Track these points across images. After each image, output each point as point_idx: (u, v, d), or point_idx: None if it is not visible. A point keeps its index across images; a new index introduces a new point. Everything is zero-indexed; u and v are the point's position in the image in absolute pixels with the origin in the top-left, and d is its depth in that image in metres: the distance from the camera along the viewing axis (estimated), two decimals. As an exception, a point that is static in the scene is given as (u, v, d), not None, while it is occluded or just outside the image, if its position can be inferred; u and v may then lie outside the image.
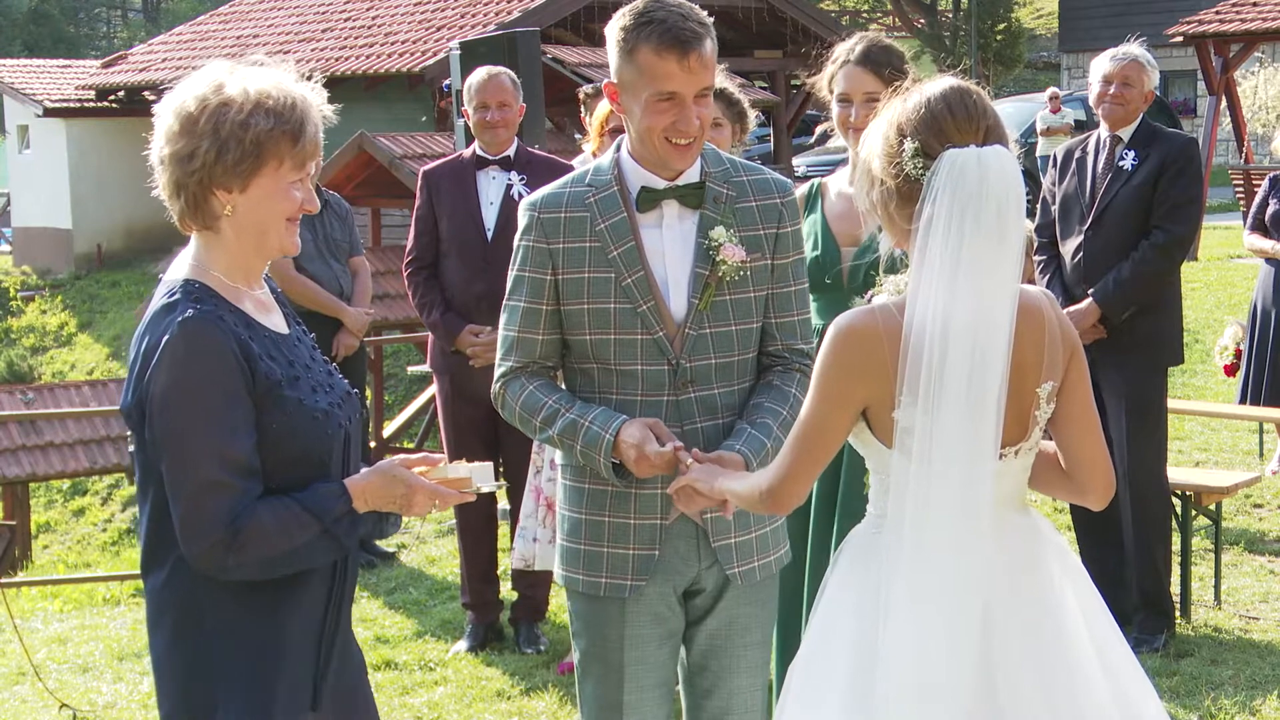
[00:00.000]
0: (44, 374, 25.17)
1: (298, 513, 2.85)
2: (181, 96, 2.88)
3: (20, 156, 29.98)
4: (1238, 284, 15.34)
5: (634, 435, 3.37)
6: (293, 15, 27.16)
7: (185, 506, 2.81)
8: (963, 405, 2.77)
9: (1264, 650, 6.17)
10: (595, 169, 3.57)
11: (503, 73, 6.53)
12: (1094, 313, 6.10)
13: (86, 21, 63.67)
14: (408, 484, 2.95)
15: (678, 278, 3.49)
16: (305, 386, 2.94)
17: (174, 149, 2.87)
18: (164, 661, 2.97)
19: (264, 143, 2.85)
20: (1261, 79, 25.98)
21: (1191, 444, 9.79)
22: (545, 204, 3.53)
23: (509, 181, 6.41)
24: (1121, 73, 6.18)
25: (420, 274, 6.50)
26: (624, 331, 3.47)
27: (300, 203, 2.93)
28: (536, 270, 3.51)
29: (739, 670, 3.62)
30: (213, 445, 2.80)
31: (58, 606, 8.35)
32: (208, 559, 2.82)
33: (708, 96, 3.43)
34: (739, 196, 3.55)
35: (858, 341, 2.84)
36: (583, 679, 3.66)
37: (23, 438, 16.46)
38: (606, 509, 3.52)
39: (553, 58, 18.89)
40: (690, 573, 3.56)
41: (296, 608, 2.94)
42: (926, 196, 2.75)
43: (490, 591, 6.73)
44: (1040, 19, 46.95)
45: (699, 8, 3.46)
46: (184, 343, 2.80)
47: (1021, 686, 2.84)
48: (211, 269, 2.93)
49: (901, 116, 2.84)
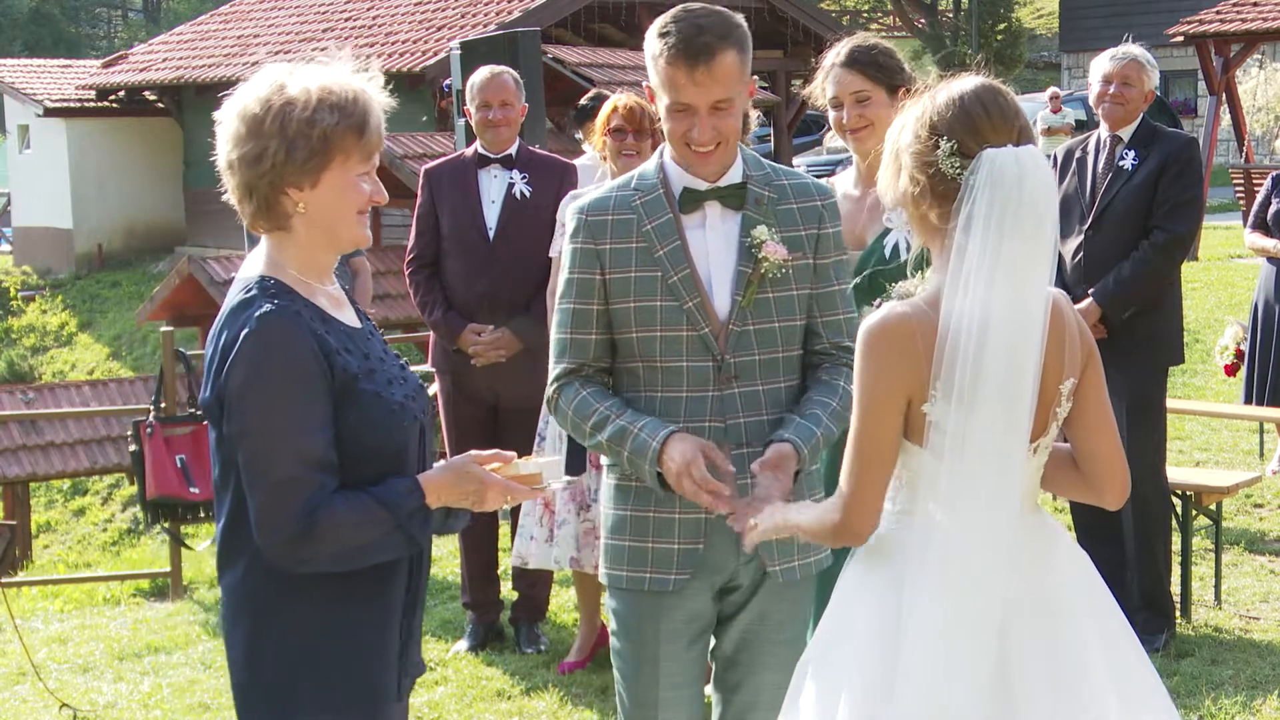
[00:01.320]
0: (44, 374, 25.19)
1: (372, 507, 2.86)
2: (243, 99, 2.89)
3: (21, 156, 30.01)
4: (1238, 284, 15.34)
5: (682, 454, 3.38)
6: (293, 15, 27.18)
7: (262, 500, 2.82)
8: (998, 402, 2.77)
9: (1264, 650, 6.17)
10: (641, 174, 3.64)
11: (505, 72, 6.53)
12: (1094, 312, 6.10)
13: (87, 21, 63.65)
14: (480, 480, 2.96)
15: (721, 276, 3.56)
16: (381, 379, 2.95)
17: (242, 152, 2.88)
18: (243, 657, 2.96)
19: (331, 138, 2.85)
20: (1261, 78, 25.99)
21: (1192, 444, 9.78)
22: (592, 208, 3.60)
23: (510, 180, 6.41)
24: (1121, 72, 6.17)
25: (421, 273, 6.50)
26: (669, 328, 3.52)
27: (369, 194, 2.95)
28: (585, 271, 3.57)
29: (768, 666, 3.65)
30: (290, 440, 2.81)
31: (58, 606, 8.35)
32: (281, 552, 2.83)
33: (725, 108, 3.46)
34: (780, 199, 3.62)
35: (894, 339, 2.83)
36: (620, 677, 3.69)
37: (23, 437, 16.46)
38: (651, 504, 3.56)
39: (553, 57, 18.90)
40: (729, 569, 3.60)
41: (374, 601, 2.95)
42: (965, 196, 2.77)
43: (491, 591, 6.73)
44: (1041, 19, 46.95)
45: (729, 15, 3.48)
46: (262, 337, 2.81)
47: (1035, 690, 2.85)
48: (286, 267, 2.94)
49: (934, 114, 2.84)
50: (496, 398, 6.38)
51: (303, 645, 2.91)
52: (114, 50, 46.34)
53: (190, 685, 6.37)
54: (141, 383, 17.17)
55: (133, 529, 19.00)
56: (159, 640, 7.09)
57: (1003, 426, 2.80)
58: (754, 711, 3.67)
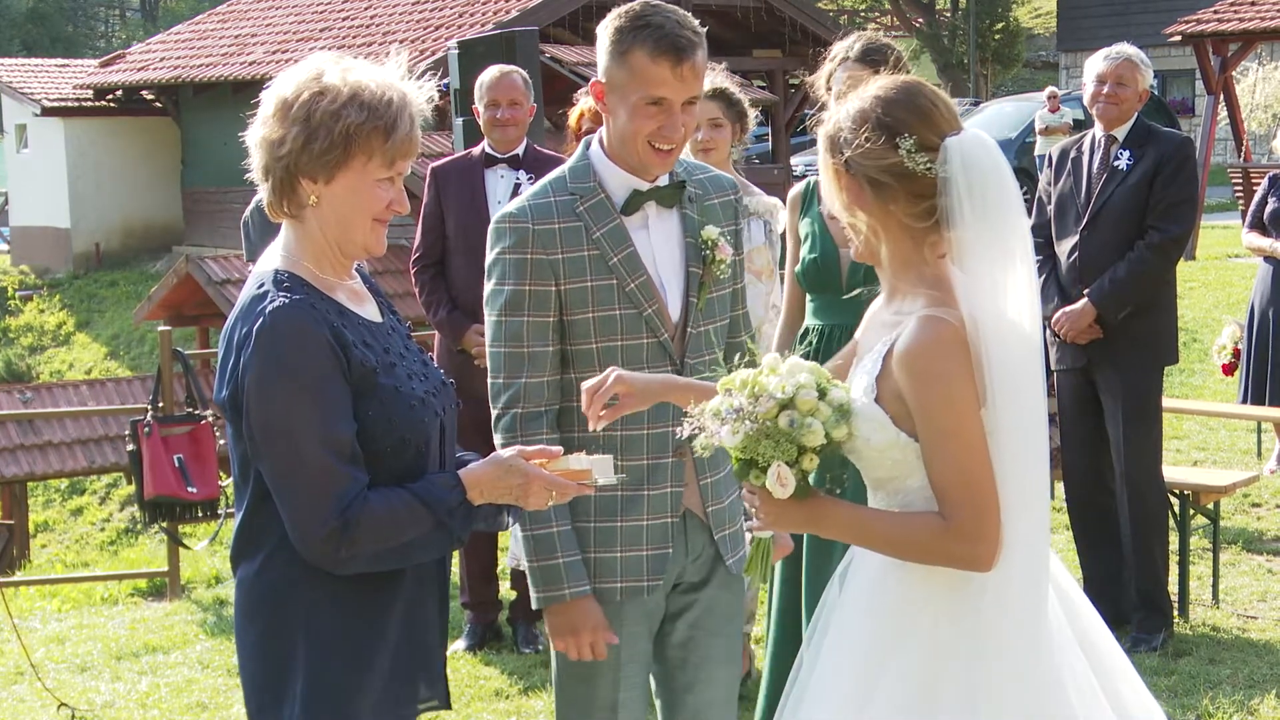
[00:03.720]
0: (42, 373, 25.17)
1: (411, 504, 2.79)
2: (283, 83, 2.86)
3: (18, 156, 30.00)
4: (1235, 283, 15.33)
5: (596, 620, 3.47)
6: (291, 14, 27.16)
7: (296, 497, 2.75)
8: (1026, 391, 2.71)
9: (1262, 649, 6.17)
10: (572, 173, 3.52)
11: (514, 71, 6.53)
12: (1090, 313, 6.10)
13: (85, 21, 63.64)
14: (525, 474, 2.88)
15: (669, 278, 3.51)
16: (401, 373, 2.90)
17: (266, 133, 2.84)
18: (257, 653, 2.90)
19: (354, 135, 2.80)
20: (1259, 75, 25.99)
21: (1189, 443, 9.79)
22: (536, 215, 3.45)
23: (517, 180, 6.39)
24: (1115, 72, 6.17)
25: (427, 272, 6.49)
26: (630, 336, 3.47)
27: (388, 203, 2.89)
28: (539, 283, 3.44)
29: (717, 660, 3.63)
30: (317, 433, 2.74)
31: (56, 606, 8.35)
32: (321, 551, 2.76)
33: (694, 105, 3.44)
34: (704, 195, 3.59)
35: (954, 345, 2.71)
36: (571, 682, 3.61)
37: (21, 437, 16.45)
38: (618, 514, 3.51)
39: (551, 57, 18.90)
40: (678, 568, 3.58)
41: (394, 600, 2.89)
42: (942, 189, 2.72)
43: (489, 591, 6.73)
44: (1038, 18, 46.95)
45: (692, 16, 3.46)
46: (276, 331, 2.76)
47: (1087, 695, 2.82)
48: (302, 260, 2.89)
49: (877, 115, 2.77)
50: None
51: (318, 644, 2.84)
52: (112, 50, 46.32)
53: (188, 685, 6.37)
54: (139, 382, 17.16)
55: (130, 529, 18.98)
56: (157, 640, 7.08)
57: (1034, 416, 2.73)
58: (711, 709, 3.64)
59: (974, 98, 35.26)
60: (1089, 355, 6.22)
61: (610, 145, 3.49)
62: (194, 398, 7.58)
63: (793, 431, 2.70)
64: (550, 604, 3.46)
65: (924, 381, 2.70)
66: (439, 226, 6.44)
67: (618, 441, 3.43)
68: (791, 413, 2.70)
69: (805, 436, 2.70)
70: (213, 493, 7.41)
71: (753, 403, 2.73)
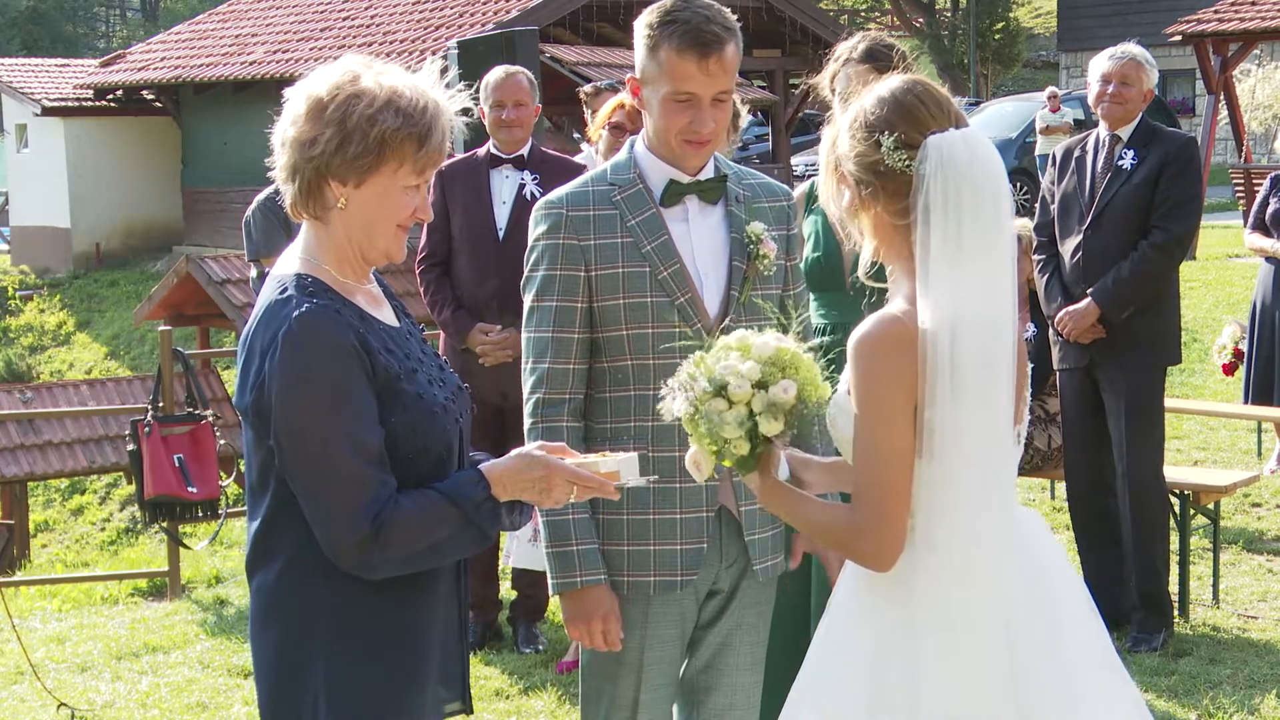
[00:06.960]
0: (42, 373, 25.17)
1: (439, 503, 2.76)
2: (315, 82, 2.81)
3: (18, 155, 30.01)
4: (1237, 283, 15.34)
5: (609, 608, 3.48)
6: (291, 14, 27.16)
7: (329, 505, 2.72)
8: (982, 392, 2.71)
9: (1262, 649, 6.17)
10: (614, 167, 3.58)
11: (520, 72, 6.53)
12: (1093, 312, 6.10)
13: (85, 20, 63.63)
14: (547, 465, 2.85)
15: (709, 270, 3.53)
16: (422, 380, 2.87)
17: (297, 132, 2.80)
18: (273, 661, 2.86)
19: (388, 141, 2.77)
20: (1259, 76, 25.99)
21: (1190, 443, 9.79)
22: (572, 202, 3.52)
23: (522, 181, 6.40)
24: (1120, 72, 6.17)
25: (432, 272, 6.50)
26: (661, 325, 3.47)
27: (413, 210, 2.86)
28: (569, 268, 3.49)
29: (744, 668, 3.65)
30: (347, 440, 2.70)
31: (56, 606, 8.34)
32: (355, 557, 2.72)
33: (725, 100, 3.45)
34: (754, 198, 3.62)
35: (894, 344, 2.72)
36: (595, 677, 3.64)
37: (21, 437, 16.43)
38: (651, 506, 3.51)
39: (551, 57, 18.90)
40: (712, 572, 3.57)
41: (413, 606, 2.87)
42: (918, 186, 2.72)
43: (490, 591, 6.72)
44: (1039, 18, 46.96)
45: (726, 10, 3.47)
46: (302, 337, 2.72)
47: (1040, 693, 2.80)
48: (323, 263, 2.86)
49: (868, 116, 2.79)
50: (504, 398, 6.36)
51: (337, 653, 2.81)
52: (112, 49, 46.35)
53: (188, 685, 6.36)
54: (139, 382, 17.14)
55: (131, 528, 18.98)
56: (157, 640, 7.08)
57: (991, 418, 2.73)
58: (731, 712, 3.65)
59: (974, 98, 35.30)
60: (1092, 354, 6.22)
61: (649, 139, 3.55)
62: (194, 397, 7.57)
63: (712, 420, 2.77)
64: (564, 590, 3.48)
65: (857, 376, 2.75)
66: (444, 226, 6.44)
67: (649, 433, 3.45)
68: (719, 401, 2.77)
69: (722, 428, 2.77)
70: (213, 493, 7.40)
71: (691, 381, 2.79)
